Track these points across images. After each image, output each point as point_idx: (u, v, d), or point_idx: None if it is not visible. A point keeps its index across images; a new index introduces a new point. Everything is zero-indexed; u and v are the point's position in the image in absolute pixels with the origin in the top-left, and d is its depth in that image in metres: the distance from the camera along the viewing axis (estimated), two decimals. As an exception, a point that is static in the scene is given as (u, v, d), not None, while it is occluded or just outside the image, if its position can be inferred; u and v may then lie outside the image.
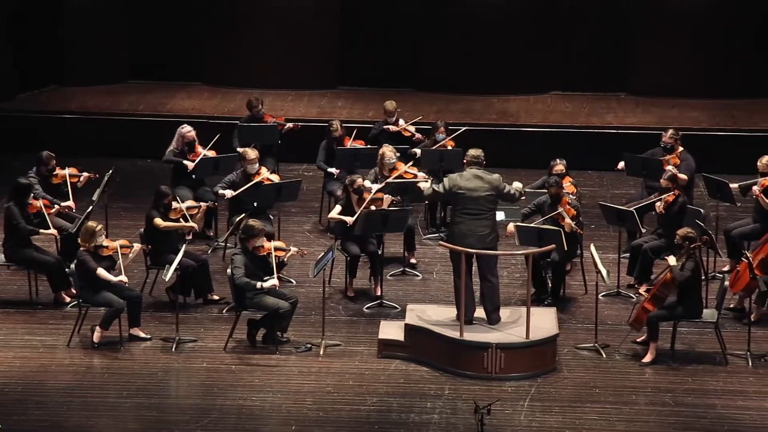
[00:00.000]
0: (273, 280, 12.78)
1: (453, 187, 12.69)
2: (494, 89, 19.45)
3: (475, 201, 12.60)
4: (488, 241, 12.64)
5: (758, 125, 18.06)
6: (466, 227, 12.61)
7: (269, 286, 12.77)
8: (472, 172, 12.74)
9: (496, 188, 12.70)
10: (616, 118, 18.65)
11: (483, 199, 12.61)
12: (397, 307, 13.85)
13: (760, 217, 14.32)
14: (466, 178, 12.70)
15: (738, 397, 12.11)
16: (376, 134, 16.51)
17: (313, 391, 12.24)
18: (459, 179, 12.73)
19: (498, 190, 12.71)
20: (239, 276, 12.75)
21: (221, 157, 15.60)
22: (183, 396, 12.31)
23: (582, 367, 12.70)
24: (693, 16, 19.22)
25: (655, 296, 12.68)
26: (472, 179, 12.67)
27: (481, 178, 12.69)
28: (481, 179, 12.68)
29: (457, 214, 12.69)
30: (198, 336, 13.26)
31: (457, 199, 12.67)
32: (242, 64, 19.76)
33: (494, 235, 12.72)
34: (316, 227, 16.15)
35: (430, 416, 11.80)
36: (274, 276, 12.80)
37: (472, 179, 12.67)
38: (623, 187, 17.22)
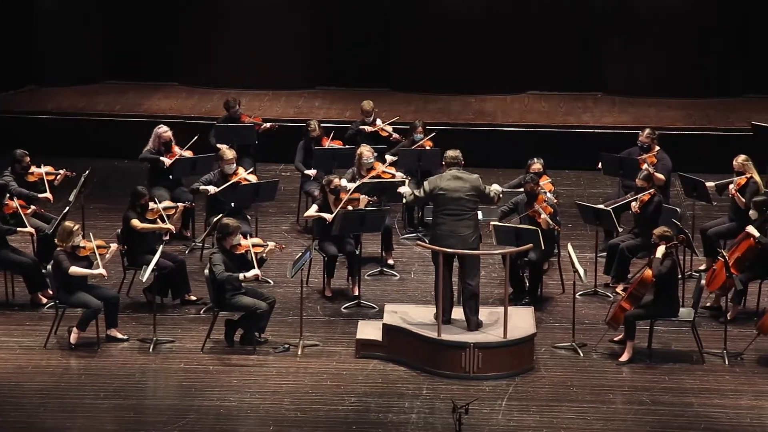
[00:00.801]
0: (255, 270, 12.78)
1: (433, 188, 12.67)
2: (471, 89, 19.47)
3: (456, 201, 12.59)
4: (470, 242, 12.62)
5: (734, 124, 18.14)
6: (448, 228, 12.59)
7: (252, 275, 12.79)
8: (452, 173, 12.72)
9: (477, 188, 12.69)
10: (593, 117, 18.70)
11: (464, 199, 12.60)
12: (374, 307, 13.85)
13: (736, 215, 14.38)
14: (446, 179, 12.68)
15: (714, 395, 12.17)
16: (352, 134, 16.52)
17: (291, 391, 12.24)
18: (439, 180, 12.72)
19: (478, 190, 12.70)
20: (220, 272, 12.73)
21: (198, 158, 15.58)
22: (160, 397, 12.28)
23: (559, 366, 12.73)
24: (669, 16, 19.29)
25: (631, 295, 12.72)
26: (452, 180, 12.66)
27: (461, 178, 12.69)
28: (461, 179, 12.67)
29: (438, 215, 12.67)
30: (175, 337, 13.24)
31: (438, 200, 12.66)
32: (219, 64, 19.73)
33: (476, 235, 12.70)
34: (294, 227, 16.14)
35: (408, 416, 11.80)
36: (255, 267, 12.81)
37: (452, 180, 12.66)
38: (600, 186, 17.27)
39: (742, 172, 14.47)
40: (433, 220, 12.79)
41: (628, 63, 19.38)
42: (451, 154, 12.89)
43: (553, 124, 18.44)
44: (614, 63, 19.47)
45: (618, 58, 19.43)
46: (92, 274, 12.91)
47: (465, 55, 19.46)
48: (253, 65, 19.70)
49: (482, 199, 12.83)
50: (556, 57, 19.54)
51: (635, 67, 19.34)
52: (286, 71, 19.79)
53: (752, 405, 12.00)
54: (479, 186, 12.71)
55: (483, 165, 16.00)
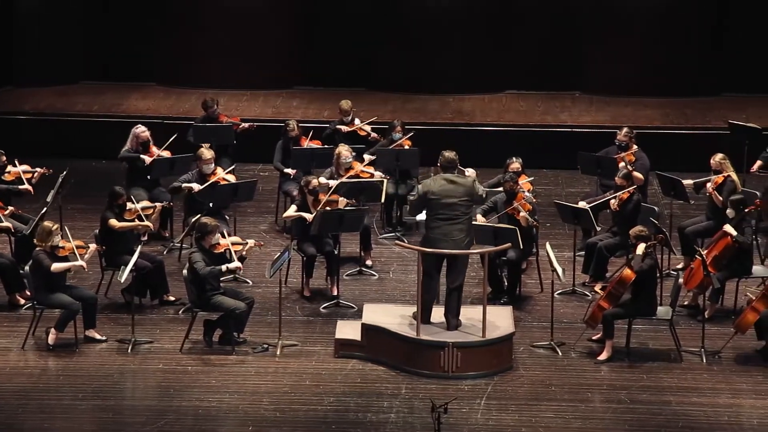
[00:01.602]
0: (236, 263, 12.78)
1: (427, 192, 12.59)
2: (449, 89, 19.49)
3: (449, 206, 12.51)
4: (464, 246, 12.55)
5: (711, 123, 18.20)
6: (441, 232, 12.51)
7: (234, 267, 12.81)
8: (446, 176, 12.59)
9: (471, 193, 12.58)
10: (571, 116, 18.75)
11: (457, 204, 12.52)
12: (353, 307, 13.85)
13: (714, 214, 14.44)
14: (438, 183, 12.57)
15: (692, 393, 12.21)
16: (329, 134, 16.52)
17: (270, 391, 12.23)
18: (432, 184, 12.60)
19: (472, 194, 12.59)
20: (202, 267, 12.71)
21: (177, 158, 15.55)
22: (139, 397, 12.26)
23: (538, 365, 12.76)
24: (646, 15, 19.34)
25: (610, 294, 12.76)
26: (446, 184, 12.55)
27: (455, 182, 12.56)
28: (455, 184, 12.55)
29: (431, 218, 12.58)
30: (154, 337, 13.21)
31: (430, 204, 12.59)
32: (197, 64, 19.69)
33: (469, 238, 12.64)
34: (273, 227, 16.13)
35: (387, 415, 11.81)
36: (236, 262, 12.81)
37: (446, 184, 12.55)
38: (578, 185, 17.31)
39: (720, 170, 14.53)
40: (426, 222, 12.72)
41: (606, 62, 19.42)
42: (447, 156, 12.70)
43: (531, 123, 18.47)
44: (592, 62, 19.51)
45: (595, 58, 19.48)
46: (74, 266, 12.86)
47: (443, 54, 19.48)
48: (231, 65, 19.66)
49: (476, 203, 12.82)
50: (533, 57, 19.58)
51: (613, 66, 19.39)
52: (264, 71, 19.77)
53: (730, 403, 12.05)
54: (474, 191, 12.59)
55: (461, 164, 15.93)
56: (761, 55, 19.11)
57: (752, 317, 12.71)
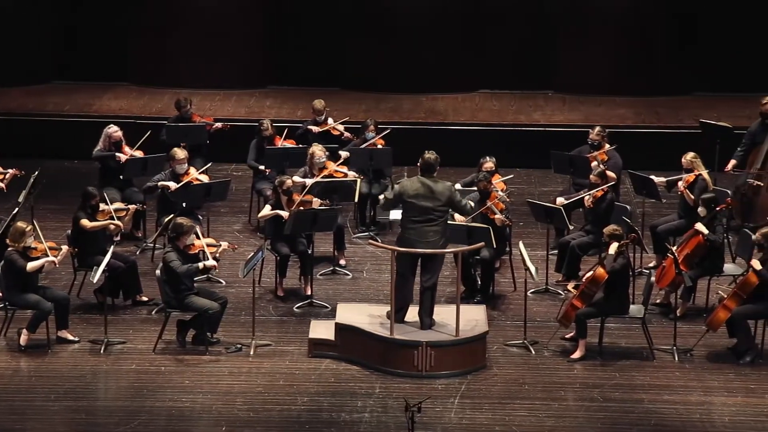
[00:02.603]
0: (212, 261, 12.77)
1: (402, 194, 12.57)
2: (422, 88, 19.51)
3: (423, 210, 12.50)
4: (438, 247, 12.54)
5: (682, 122, 18.28)
6: (416, 234, 12.50)
7: (210, 264, 12.79)
8: (422, 180, 12.56)
9: (448, 199, 12.54)
10: (544, 115, 18.80)
11: (431, 208, 12.49)
12: (327, 307, 13.85)
13: (685, 213, 14.50)
14: (414, 187, 12.53)
15: (664, 391, 12.27)
16: (301, 133, 16.52)
17: (244, 391, 12.21)
18: (408, 187, 12.55)
19: (450, 201, 12.56)
20: (178, 265, 12.69)
21: (150, 158, 15.51)
22: (112, 398, 12.22)
23: (511, 363, 12.79)
24: (618, 14, 19.41)
25: (583, 293, 12.80)
26: (421, 188, 12.50)
27: (431, 188, 12.51)
28: (431, 189, 12.50)
29: (407, 220, 12.56)
30: (127, 338, 13.18)
31: (405, 206, 12.57)
32: (169, 63, 19.65)
33: (444, 239, 12.64)
34: (246, 227, 16.11)
35: (361, 415, 11.82)
36: (211, 260, 12.79)
37: (421, 188, 12.50)
38: (551, 184, 17.35)
39: (691, 169, 14.60)
40: (402, 223, 12.70)
41: (578, 62, 19.49)
42: (427, 158, 12.61)
43: (504, 122, 18.50)
44: (564, 62, 19.57)
45: (568, 57, 19.54)
46: (47, 261, 12.81)
47: (416, 54, 19.49)
48: (204, 64, 19.62)
49: (454, 209, 12.81)
50: (506, 56, 19.61)
51: (585, 65, 19.46)
52: (237, 70, 19.74)
53: (701, 401, 12.11)
54: (451, 196, 12.54)
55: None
56: (732, 54, 19.20)
57: (724, 315, 12.77)
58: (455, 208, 12.79)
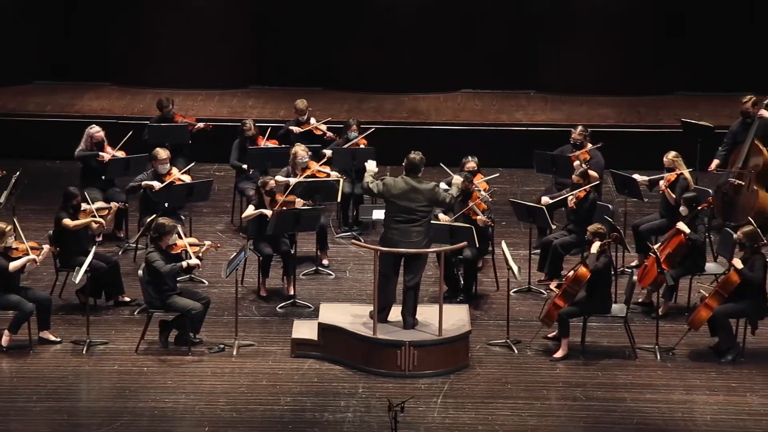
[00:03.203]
0: (195, 260, 12.76)
1: (385, 193, 12.57)
2: (405, 88, 19.53)
3: (407, 210, 12.50)
4: (422, 247, 12.55)
5: (663, 121, 18.34)
6: (399, 234, 12.50)
7: (194, 263, 12.78)
8: (407, 180, 12.56)
9: (431, 199, 12.56)
10: (526, 115, 18.83)
11: (414, 209, 12.51)
12: (310, 307, 13.85)
13: (667, 212, 14.55)
14: (399, 186, 12.54)
15: (647, 390, 12.30)
16: (283, 133, 16.51)
17: (227, 391, 12.20)
18: (392, 186, 12.55)
19: (433, 200, 12.59)
20: (162, 265, 12.67)
21: (132, 158, 15.49)
22: (94, 399, 12.19)
23: (494, 363, 12.81)
24: (600, 15, 19.45)
25: (565, 292, 12.83)
26: (405, 189, 12.52)
27: (415, 188, 12.52)
28: (415, 190, 12.51)
29: (389, 219, 12.57)
30: (109, 338, 13.15)
31: (389, 206, 12.58)
32: (151, 63, 19.61)
33: (428, 239, 12.65)
34: (229, 227, 16.09)
35: (344, 415, 11.82)
36: (194, 258, 12.78)
37: (405, 189, 12.52)
38: (533, 184, 17.39)
39: (672, 168, 14.64)
40: (385, 222, 12.70)
41: (560, 61, 19.53)
42: (409, 159, 12.61)
43: (486, 122, 18.53)
44: (546, 62, 19.61)
45: (550, 57, 19.58)
46: (27, 260, 12.76)
47: (398, 54, 19.51)
48: (186, 64, 19.60)
49: (438, 206, 12.82)
50: (488, 56, 19.64)
51: (567, 65, 19.50)
52: (220, 70, 19.72)
53: (684, 399, 12.15)
54: (434, 196, 12.57)
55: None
56: (713, 54, 19.27)
57: (705, 314, 12.82)
58: (439, 205, 12.81)
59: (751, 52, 19.10)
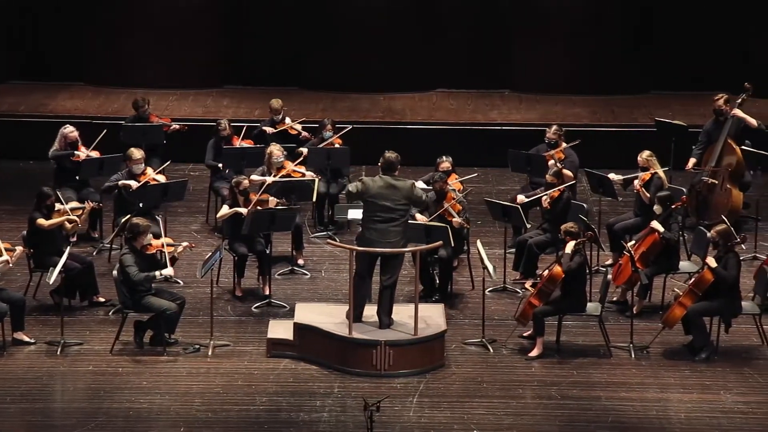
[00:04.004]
0: (169, 270, 12.71)
1: (364, 193, 12.58)
2: (380, 87, 19.53)
3: (386, 209, 12.51)
4: (399, 247, 12.56)
5: (638, 120, 18.41)
6: (377, 233, 12.50)
7: (168, 273, 12.74)
8: (385, 179, 12.57)
9: (409, 197, 12.59)
10: (500, 114, 18.86)
11: (393, 208, 12.52)
12: (285, 306, 13.84)
13: (641, 211, 14.60)
14: (377, 185, 12.53)
15: (621, 388, 12.34)
16: (257, 134, 16.50)
17: (202, 391, 12.18)
18: (371, 185, 12.55)
19: (411, 199, 12.61)
20: (135, 273, 12.63)
21: (106, 158, 15.45)
22: (69, 400, 12.15)
23: (470, 362, 12.83)
24: (575, 14, 19.50)
25: (540, 291, 12.86)
26: (384, 187, 12.52)
27: (394, 186, 12.54)
28: (393, 188, 12.53)
29: (367, 219, 12.57)
30: (84, 339, 13.11)
31: (368, 205, 12.59)
32: (126, 63, 19.55)
33: (404, 240, 12.66)
34: (204, 227, 16.06)
35: (320, 415, 11.82)
36: (169, 267, 12.75)
37: (384, 187, 12.52)
38: (508, 183, 17.42)
39: (647, 167, 14.70)
40: (362, 222, 12.71)
41: (535, 60, 19.57)
42: (386, 158, 12.63)
43: (461, 121, 18.56)
44: (521, 61, 19.65)
45: (524, 56, 19.62)
46: (1, 261, 12.73)
47: (373, 53, 19.51)
48: (161, 64, 19.55)
49: (414, 205, 12.84)
50: (463, 55, 19.67)
51: (541, 64, 19.54)
52: (194, 70, 19.68)
53: (658, 398, 12.19)
54: (412, 195, 12.60)
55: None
56: (687, 53, 19.34)
57: (679, 312, 12.87)
58: (415, 203, 12.81)
59: (724, 51, 19.18)
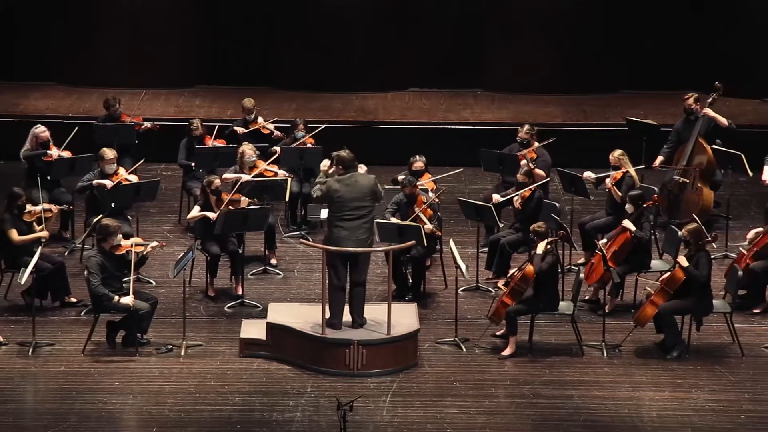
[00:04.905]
0: (129, 299, 12.63)
1: (332, 194, 12.57)
2: (353, 87, 19.53)
3: (354, 207, 12.52)
4: (367, 245, 12.60)
5: (609, 120, 18.47)
6: (346, 232, 12.51)
7: (125, 303, 12.64)
8: (350, 177, 12.59)
9: (374, 192, 12.63)
10: (473, 114, 18.89)
11: (362, 205, 12.53)
12: (258, 306, 13.83)
13: (613, 210, 14.65)
14: (345, 183, 12.56)
15: (593, 387, 12.39)
16: (229, 134, 16.48)
17: (175, 392, 12.16)
18: (337, 185, 12.57)
19: (375, 193, 12.65)
20: (96, 284, 12.60)
21: (78, 158, 15.39)
22: (40, 401, 12.10)
23: (443, 361, 12.85)
24: (546, 14, 19.54)
25: (513, 290, 12.89)
26: (351, 185, 12.55)
27: (359, 182, 12.58)
28: (359, 184, 12.57)
29: (335, 219, 12.57)
30: (55, 339, 13.06)
31: (335, 205, 12.60)
32: (97, 62, 19.47)
33: (372, 237, 12.69)
34: (176, 227, 16.02)
35: (293, 414, 11.81)
36: (131, 294, 12.65)
37: (351, 185, 12.55)
38: (480, 182, 17.45)
39: (618, 166, 14.75)
40: (328, 221, 12.72)
41: (507, 60, 19.60)
42: (345, 156, 12.63)
43: (434, 121, 18.59)
44: (493, 60, 19.68)
45: (497, 56, 19.65)
46: None
47: (346, 53, 19.51)
48: (132, 63, 19.48)
49: (377, 199, 12.86)
50: (436, 55, 19.69)
51: (514, 64, 19.58)
52: (166, 70, 19.62)
53: (630, 396, 12.24)
54: (376, 189, 12.65)
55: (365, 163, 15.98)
56: (658, 53, 19.42)
57: (651, 311, 12.93)
58: (377, 197, 12.79)
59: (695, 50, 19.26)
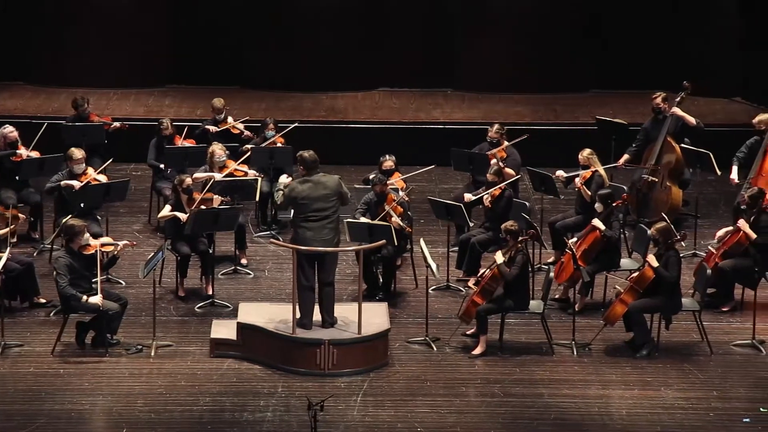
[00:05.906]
0: (97, 298, 12.59)
1: (296, 197, 12.55)
2: (322, 86, 19.52)
3: (319, 208, 12.52)
4: (333, 245, 12.60)
5: (579, 119, 18.53)
6: (312, 233, 12.50)
7: (94, 302, 12.60)
8: (314, 178, 12.58)
9: (338, 192, 12.63)
10: (443, 113, 18.92)
11: (326, 206, 12.53)
12: (229, 306, 13.81)
13: (583, 209, 14.69)
14: (308, 185, 12.55)
15: (564, 385, 12.43)
16: (199, 133, 16.44)
17: (145, 392, 12.12)
18: (300, 187, 12.56)
19: (340, 193, 12.65)
20: (64, 285, 12.55)
21: (46, 158, 15.32)
22: (9, 402, 12.03)
23: (413, 360, 12.87)
24: (517, 13, 19.59)
25: (483, 289, 12.92)
26: (314, 186, 12.54)
27: (323, 183, 12.57)
28: (323, 185, 12.56)
29: (301, 220, 12.55)
30: (25, 340, 13.00)
31: (300, 207, 12.57)
32: (66, 62, 19.39)
33: (338, 237, 12.71)
34: (146, 227, 15.98)
35: (264, 414, 11.80)
36: (99, 294, 12.60)
37: (314, 186, 12.54)
38: (451, 181, 17.48)
39: (588, 165, 14.81)
40: (293, 223, 12.70)
41: (477, 59, 19.64)
42: (308, 156, 12.63)
43: (404, 120, 18.60)
44: (463, 60, 19.71)
45: (467, 55, 19.68)
46: None
47: (316, 52, 19.50)
48: (101, 63, 19.40)
49: (343, 200, 12.87)
50: (405, 54, 19.70)
51: (484, 63, 19.62)
52: (136, 69, 19.56)
53: (600, 394, 12.29)
54: (341, 190, 12.66)
55: (335, 162, 16.06)
56: (628, 53, 19.49)
57: (621, 309, 12.98)
58: (342, 198, 12.78)
59: (664, 50, 19.36)
